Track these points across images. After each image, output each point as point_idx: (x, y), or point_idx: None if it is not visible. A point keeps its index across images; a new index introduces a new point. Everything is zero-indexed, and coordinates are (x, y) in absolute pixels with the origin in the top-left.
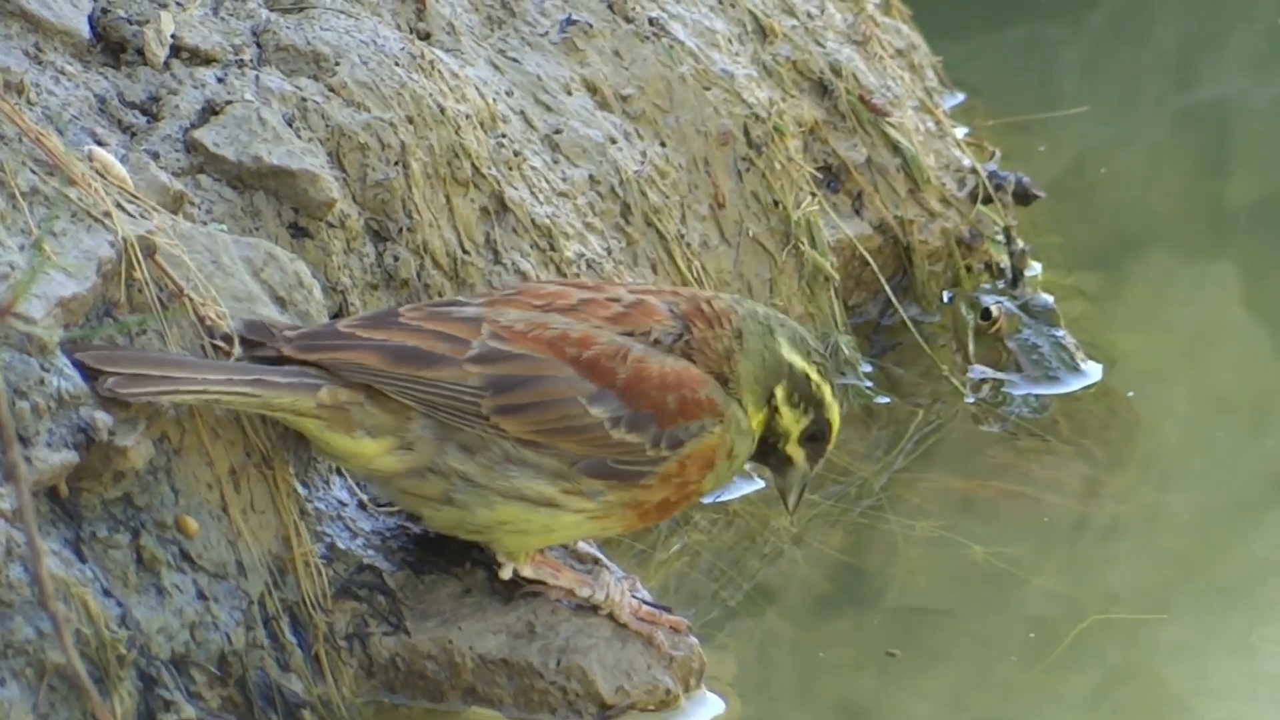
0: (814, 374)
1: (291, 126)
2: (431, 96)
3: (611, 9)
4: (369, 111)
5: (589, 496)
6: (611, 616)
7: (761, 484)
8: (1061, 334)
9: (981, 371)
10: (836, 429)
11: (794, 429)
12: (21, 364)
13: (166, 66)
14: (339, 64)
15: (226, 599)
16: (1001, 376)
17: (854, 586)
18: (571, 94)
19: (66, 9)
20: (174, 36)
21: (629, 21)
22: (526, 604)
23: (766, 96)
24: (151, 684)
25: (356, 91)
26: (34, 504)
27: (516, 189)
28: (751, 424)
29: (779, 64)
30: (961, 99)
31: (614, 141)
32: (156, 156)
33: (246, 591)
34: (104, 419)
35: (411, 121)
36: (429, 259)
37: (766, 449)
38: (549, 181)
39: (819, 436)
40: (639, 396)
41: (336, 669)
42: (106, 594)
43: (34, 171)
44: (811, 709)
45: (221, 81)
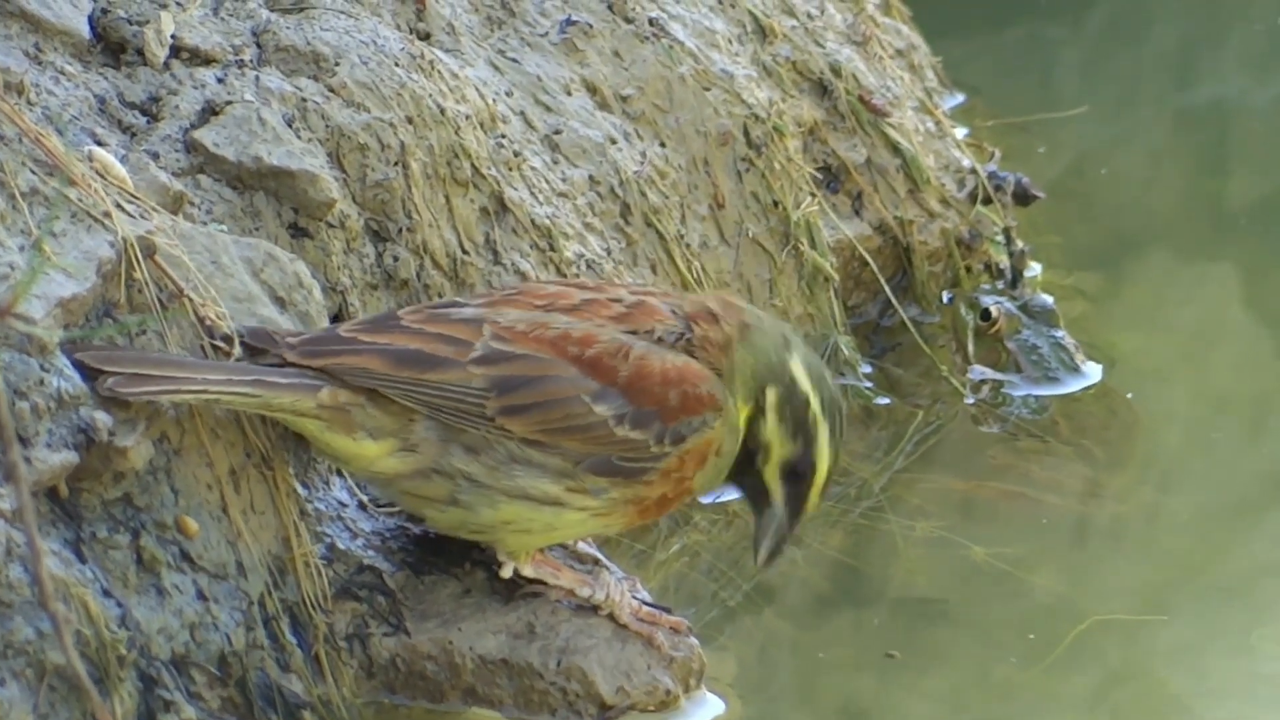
0: (814, 402)
1: (291, 127)
2: (431, 97)
3: (611, 9)
4: (369, 112)
5: (593, 494)
6: (611, 617)
7: None
8: (1061, 334)
9: (981, 372)
10: (822, 477)
11: (775, 447)
12: (21, 364)
13: (166, 67)
14: (339, 64)
15: (226, 599)
16: (1001, 377)
17: (854, 587)
18: (571, 94)
19: (66, 9)
20: (174, 37)
21: (629, 22)
22: (526, 604)
23: (766, 97)
24: (151, 684)
25: (356, 92)
26: (34, 504)
27: (516, 189)
28: (739, 419)
29: (779, 64)
30: (961, 100)
31: (614, 142)
32: (156, 157)
33: (246, 592)
34: (104, 419)
35: (411, 122)
36: (429, 259)
37: (745, 462)
38: (549, 182)
39: (801, 475)
40: (641, 394)
41: (337, 669)
42: (106, 594)
43: (34, 172)
44: (811, 709)
45: (221, 82)
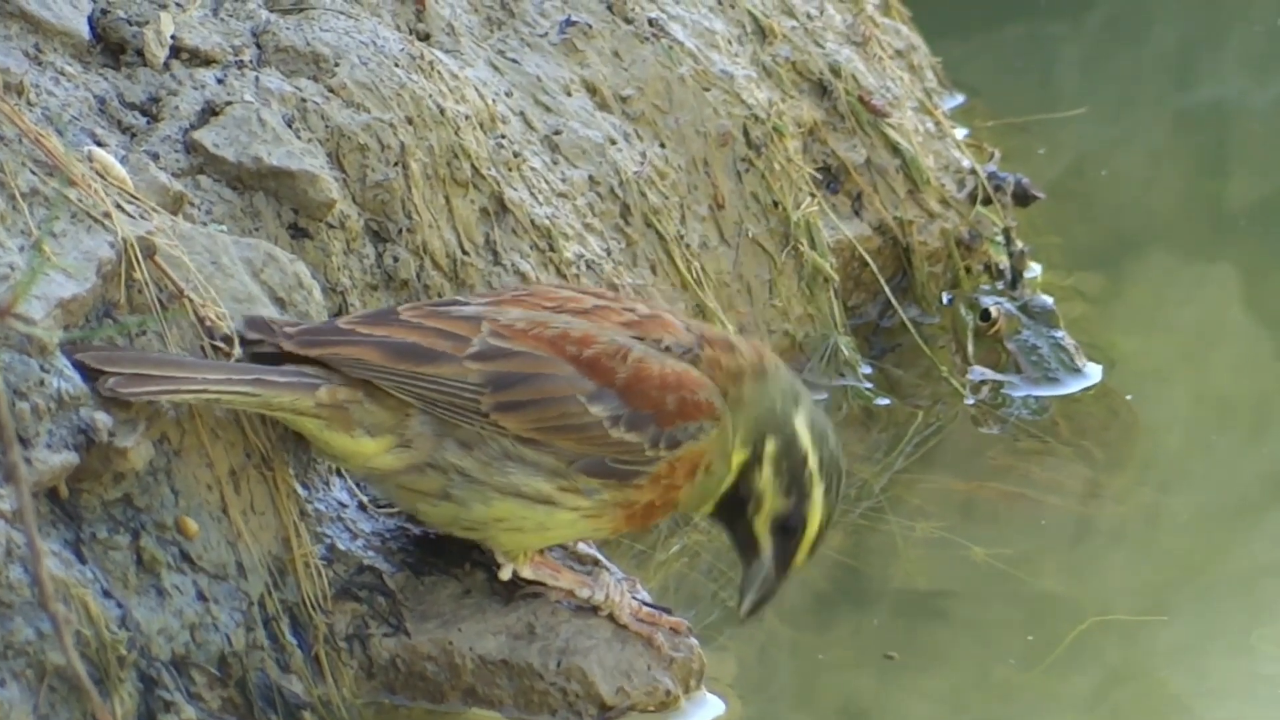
0: (812, 460)
1: (291, 127)
2: (431, 97)
3: (611, 10)
4: (368, 112)
5: (585, 495)
6: (611, 617)
7: None
8: (1061, 335)
9: (981, 373)
10: (812, 534)
11: (768, 498)
12: (21, 365)
13: (166, 67)
14: (339, 65)
15: (226, 600)
16: (1001, 378)
17: (854, 588)
18: (571, 95)
19: (66, 10)
20: (174, 37)
21: (628, 22)
22: (526, 605)
23: (766, 97)
24: (152, 685)
25: (356, 92)
26: (34, 505)
27: (516, 190)
28: (732, 458)
29: (778, 65)
30: (961, 100)
31: (613, 142)
32: (156, 157)
33: (246, 593)
34: (104, 420)
35: (411, 122)
36: (428, 260)
37: (735, 508)
38: (548, 182)
39: (791, 530)
40: (638, 396)
41: (337, 670)
42: (106, 595)
43: (34, 172)
44: (811, 710)
45: (221, 82)
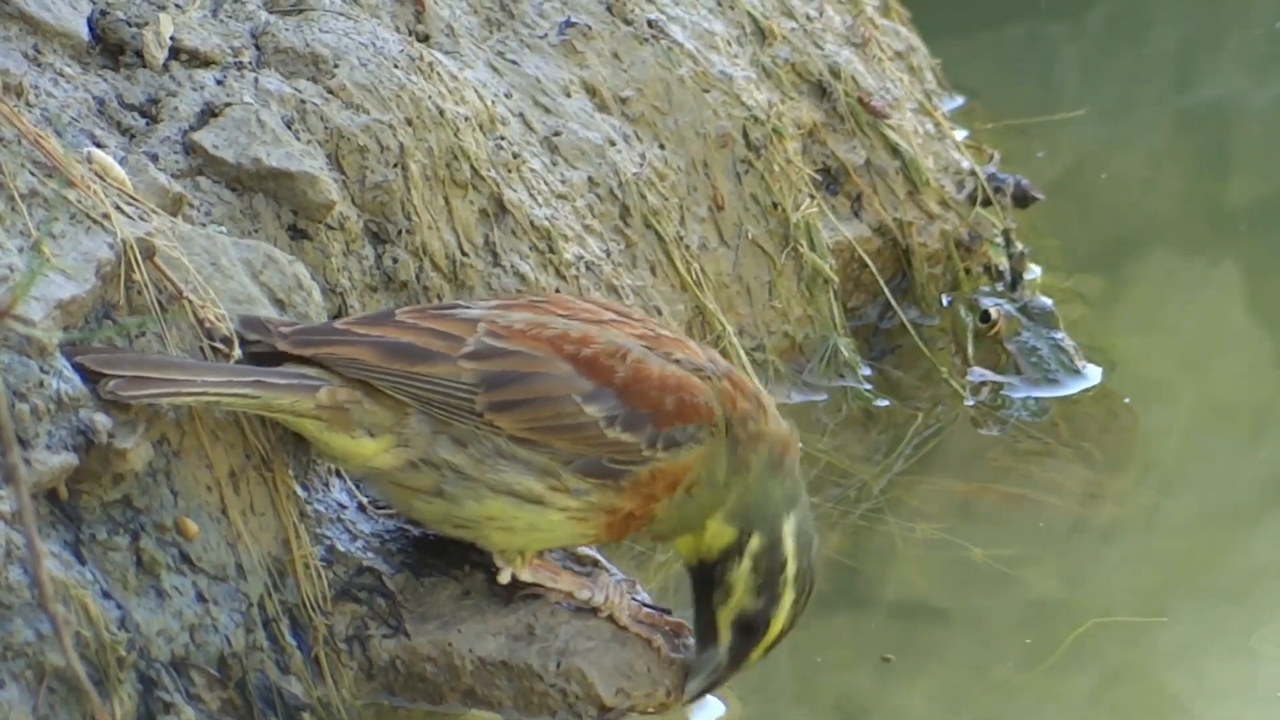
0: (790, 567)
1: (290, 129)
2: (430, 99)
3: (610, 11)
4: (368, 114)
5: (574, 495)
6: (611, 619)
7: None
8: (1060, 336)
9: (981, 374)
10: (772, 637)
11: (738, 593)
12: (21, 366)
13: (165, 69)
14: (338, 66)
15: (226, 601)
16: (1001, 379)
17: (853, 588)
18: (570, 96)
19: (65, 11)
20: (173, 39)
21: (628, 24)
22: (526, 606)
23: (765, 98)
24: (151, 686)
25: (355, 94)
26: (33, 506)
27: (515, 191)
28: (722, 528)
29: (778, 66)
30: (961, 102)
31: (613, 143)
32: (155, 158)
33: (246, 594)
34: (103, 421)
35: (410, 124)
36: (428, 261)
37: (703, 588)
38: (548, 184)
39: (751, 630)
40: (636, 396)
41: (336, 671)
42: (106, 596)
43: (33, 173)
44: (810, 710)
45: (220, 84)
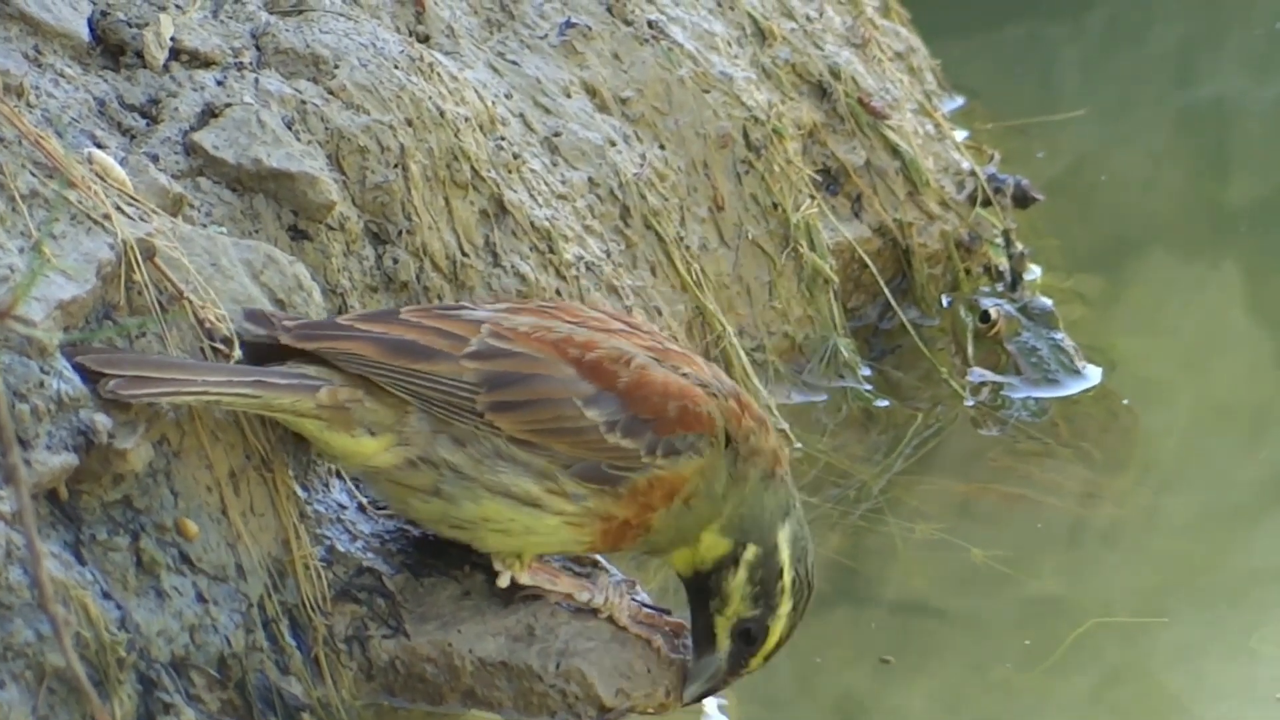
0: (787, 576)
1: (291, 129)
2: (431, 99)
3: (610, 12)
4: (368, 114)
5: (571, 500)
6: (611, 619)
7: None
8: (1060, 337)
9: (981, 374)
10: (770, 645)
11: (734, 602)
12: (21, 366)
13: (166, 69)
14: (338, 67)
15: (226, 602)
16: (1001, 379)
17: (853, 588)
18: (571, 96)
19: (66, 12)
20: (173, 39)
21: (628, 24)
22: (526, 607)
23: (765, 99)
24: (151, 687)
25: (356, 94)
26: (34, 507)
27: (516, 191)
28: (704, 542)
29: (778, 67)
30: (961, 103)
31: (613, 144)
32: (156, 159)
33: (246, 594)
34: (104, 421)
35: (411, 124)
36: (428, 261)
37: (700, 596)
38: (548, 184)
39: (750, 638)
40: (639, 402)
41: (336, 672)
42: (106, 596)
43: (33, 174)
44: (810, 710)
45: (221, 84)
